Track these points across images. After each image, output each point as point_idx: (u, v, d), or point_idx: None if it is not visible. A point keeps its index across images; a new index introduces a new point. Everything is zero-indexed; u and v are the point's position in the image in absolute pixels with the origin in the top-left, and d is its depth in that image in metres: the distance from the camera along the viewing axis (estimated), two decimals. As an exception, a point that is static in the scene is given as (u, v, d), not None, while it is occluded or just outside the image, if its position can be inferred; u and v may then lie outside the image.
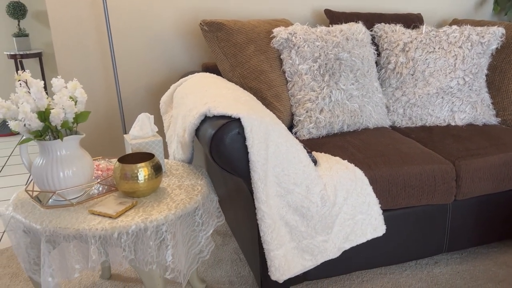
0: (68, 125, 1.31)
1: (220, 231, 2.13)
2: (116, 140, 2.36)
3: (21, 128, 1.26)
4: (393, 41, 2.08)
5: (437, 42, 2.04)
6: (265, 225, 1.38)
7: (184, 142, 1.61)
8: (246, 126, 1.35)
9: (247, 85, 1.89)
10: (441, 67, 2.01)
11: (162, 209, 1.31)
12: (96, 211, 1.29)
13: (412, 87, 2.04)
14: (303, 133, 1.87)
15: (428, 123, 2.02)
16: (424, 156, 1.66)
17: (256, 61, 1.89)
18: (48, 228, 1.23)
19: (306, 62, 1.88)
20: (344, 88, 1.90)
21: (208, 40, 1.94)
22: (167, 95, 1.97)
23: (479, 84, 2.03)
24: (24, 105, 1.22)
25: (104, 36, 2.20)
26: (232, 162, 1.38)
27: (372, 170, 1.57)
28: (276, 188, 1.41)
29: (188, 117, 1.56)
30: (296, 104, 1.90)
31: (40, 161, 1.33)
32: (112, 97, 2.29)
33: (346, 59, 1.91)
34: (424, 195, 1.61)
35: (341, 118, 1.88)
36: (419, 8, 2.57)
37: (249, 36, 1.91)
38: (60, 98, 1.27)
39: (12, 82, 4.26)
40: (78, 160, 1.36)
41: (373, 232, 1.55)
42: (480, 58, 2.02)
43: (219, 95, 1.56)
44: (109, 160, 1.64)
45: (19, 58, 3.94)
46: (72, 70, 2.21)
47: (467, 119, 2.00)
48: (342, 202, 1.49)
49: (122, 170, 1.35)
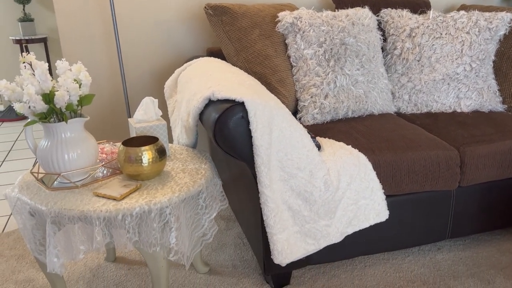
0: (73, 107, 1.31)
1: (224, 216, 2.14)
2: (121, 124, 2.37)
3: (26, 110, 1.26)
4: (400, 27, 2.06)
5: (444, 28, 2.01)
6: (268, 209, 1.38)
7: (188, 126, 1.61)
8: (250, 110, 1.35)
9: (252, 69, 1.88)
10: (448, 53, 1.99)
11: (166, 192, 1.31)
12: (100, 193, 1.30)
13: (418, 73, 2.02)
14: (307, 118, 1.86)
15: (434, 110, 2.01)
16: (428, 142, 1.65)
17: (260, 45, 1.88)
18: (53, 210, 1.25)
19: (311, 47, 1.87)
20: (349, 73, 1.88)
21: (212, 24, 1.92)
22: (172, 79, 1.97)
23: (486, 70, 2.00)
24: (28, 87, 1.22)
25: (109, 20, 2.19)
26: (235, 146, 1.38)
27: (376, 155, 1.56)
28: (279, 172, 1.41)
29: (192, 101, 1.56)
30: (301, 90, 1.89)
31: (45, 144, 1.34)
32: (116, 81, 2.29)
33: (352, 44, 1.90)
34: (428, 181, 1.61)
35: (346, 103, 1.87)
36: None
37: (254, 20, 1.90)
38: (64, 80, 1.27)
39: (17, 67, 4.27)
40: (83, 143, 1.37)
41: (376, 217, 1.55)
42: (488, 44, 1.99)
43: (223, 79, 1.55)
44: (114, 143, 1.65)
45: (24, 43, 3.94)
46: (76, 55, 2.20)
47: (473, 106, 1.99)
48: (345, 187, 1.49)
49: (126, 153, 1.36)
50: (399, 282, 1.65)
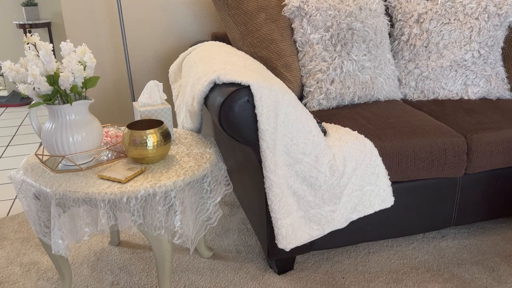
0: (77, 89, 1.30)
1: (228, 201, 2.14)
2: (125, 108, 2.36)
3: (30, 91, 1.25)
4: (408, 12, 2.03)
5: (453, 13, 1.98)
6: (273, 194, 1.38)
7: (193, 111, 1.60)
8: (255, 94, 1.34)
9: (257, 54, 1.86)
10: (456, 39, 1.96)
11: (171, 175, 1.31)
12: (105, 176, 1.30)
13: (425, 59, 1.99)
14: (313, 104, 1.85)
15: (440, 97, 1.99)
16: (435, 129, 1.63)
17: (266, 29, 1.86)
18: (58, 192, 1.25)
19: (317, 31, 1.85)
20: (356, 59, 1.86)
21: (218, 7, 1.90)
22: (176, 64, 1.96)
23: (495, 57, 1.98)
24: (33, 68, 1.21)
25: (113, 4, 2.17)
26: (241, 130, 1.37)
27: (382, 141, 1.55)
28: (284, 157, 1.40)
29: (197, 85, 1.55)
30: (307, 75, 1.87)
31: (50, 126, 1.33)
32: (121, 65, 2.28)
33: (359, 29, 1.87)
34: (434, 168, 1.60)
35: (352, 89, 1.85)
36: (435, -22, 2.49)
37: (260, 4, 1.87)
38: (69, 62, 1.26)
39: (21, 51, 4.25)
40: (88, 125, 1.36)
41: (381, 203, 1.55)
42: (497, 30, 1.96)
43: (228, 62, 1.54)
44: (118, 127, 1.64)
45: (28, 28, 3.92)
46: (81, 39, 2.19)
47: (481, 93, 1.97)
48: (350, 172, 1.48)
49: (131, 136, 1.35)
50: (403, 268, 1.65)
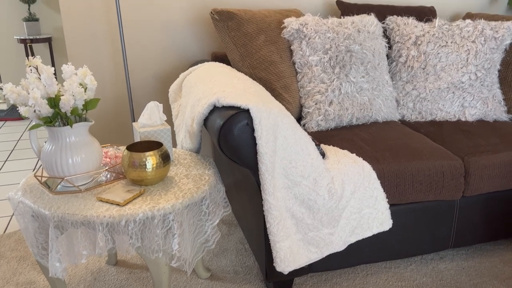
0: (78, 112, 1.31)
1: (226, 220, 2.14)
2: (125, 128, 2.37)
3: (31, 114, 1.26)
4: (405, 34, 2.05)
5: (450, 36, 2.01)
6: (272, 217, 1.38)
7: (193, 132, 1.61)
8: (255, 117, 1.35)
9: (256, 75, 1.88)
10: (453, 61, 1.99)
11: (170, 198, 1.31)
12: (104, 198, 1.30)
13: (423, 81, 2.01)
14: (311, 125, 1.86)
15: (438, 118, 2.01)
16: (433, 151, 1.64)
17: (266, 51, 1.88)
18: (57, 214, 1.24)
19: (316, 53, 1.87)
20: (354, 80, 1.88)
21: (218, 29, 1.92)
22: (176, 83, 1.97)
23: (491, 79, 2.00)
24: (34, 91, 1.22)
25: (114, 23, 2.19)
26: (240, 153, 1.38)
27: (380, 164, 1.56)
28: (283, 180, 1.41)
29: (196, 106, 1.56)
30: (305, 96, 1.89)
31: (50, 147, 1.34)
32: (121, 84, 2.29)
33: (357, 52, 1.89)
34: (432, 191, 1.61)
35: (350, 111, 1.87)
36: (432, 1, 2.53)
37: (260, 26, 1.90)
38: (70, 84, 1.27)
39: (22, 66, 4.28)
40: (87, 147, 1.37)
41: (380, 226, 1.55)
42: (493, 53, 1.99)
43: (228, 85, 1.55)
44: (118, 147, 1.65)
45: (29, 43, 3.95)
46: (81, 56, 2.21)
47: (478, 115, 1.98)
48: (349, 195, 1.48)
49: (130, 158, 1.36)
50: (401, 291, 1.65)
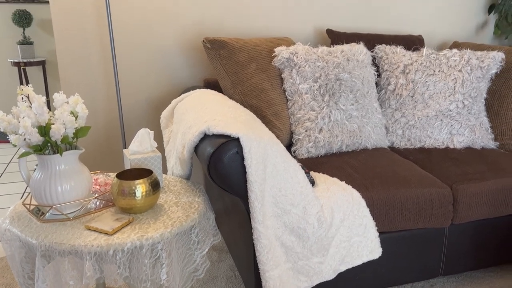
0: (68, 140, 1.32)
1: (216, 246, 2.12)
2: (116, 152, 2.37)
3: (21, 142, 1.26)
4: (394, 63, 2.10)
5: (437, 65, 2.05)
6: (261, 245, 1.38)
7: (183, 159, 1.62)
8: (244, 146, 1.36)
9: (248, 102, 1.90)
10: (441, 90, 2.03)
11: (158, 226, 1.31)
12: (92, 227, 1.29)
13: (411, 109, 2.05)
14: (302, 152, 1.87)
15: (427, 145, 2.03)
16: (421, 179, 1.66)
17: (257, 79, 1.91)
18: (44, 243, 1.23)
19: (306, 81, 1.90)
20: (344, 108, 1.91)
21: (210, 57, 1.95)
22: (168, 110, 1.99)
23: (478, 108, 2.04)
24: (25, 120, 1.23)
25: (107, 48, 2.22)
26: (230, 181, 1.39)
27: (370, 192, 1.57)
28: (273, 208, 1.41)
29: (187, 134, 1.57)
30: (296, 123, 1.91)
31: (39, 175, 1.34)
32: (113, 109, 2.30)
33: (347, 80, 1.93)
34: (421, 219, 1.62)
35: (340, 138, 1.89)
36: (420, 29, 2.59)
37: (251, 55, 1.93)
38: (61, 113, 1.28)
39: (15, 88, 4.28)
40: (77, 175, 1.36)
41: (369, 254, 1.55)
42: (480, 82, 2.03)
43: (219, 113, 1.57)
44: (108, 174, 1.65)
45: (23, 66, 3.97)
46: (74, 81, 2.22)
47: (466, 142, 2.01)
48: (338, 224, 1.49)
49: (120, 186, 1.36)
50: (392, 320, 1.63)
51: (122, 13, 2.18)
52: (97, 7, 2.15)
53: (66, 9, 2.12)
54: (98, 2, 2.14)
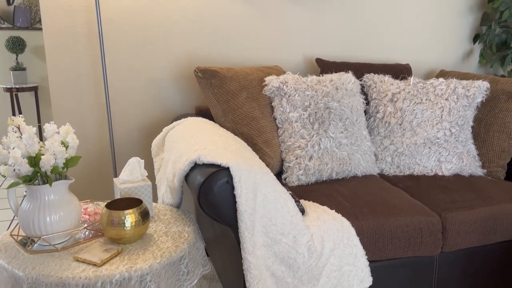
0: (58, 170, 1.32)
1: (207, 275, 2.10)
2: (107, 180, 2.36)
3: (10, 172, 1.26)
4: (382, 91, 2.14)
5: (425, 94, 2.10)
6: (251, 276, 1.37)
7: (173, 187, 1.62)
8: (234, 176, 1.37)
9: (239, 130, 1.92)
10: (428, 118, 2.07)
11: (147, 257, 1.30)
12: (80, 258, 1.28)
13: (400, 136, 2.08)
14: (292, 179, 1.88)
15: (416, 172, 2.05)
16: (410, 207, 1.67)
17: (248, 107, 1.93)
18: (31, 275, 1.22)
19: (296, 110, 1.93)
20: (333, 136, 1.93)
21: (201, 86, 1.98)
22: (159, 138, 2.00)
23: (465, 135, 2.07)
24: (15, 151, 1.23)
25: (99, 75, 2.24)
26: (219, 211, 1.39)
27: (359, 220, 1.58)
28: (263, 238, 1.41)
29: (178, 163, 1.58)
30: (286, 150, 1.93)
31: (27, 205, 1.33)
32: (104, 136, 2.31)
33: (336, 108, 1.96)
34: (411, 247, 1.62)
35: (330, 165, 1.90)
36: (407, 58, 2.66)
37: (242, 84, 1.96)
38: (51, 143, 1.29)
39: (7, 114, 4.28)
40: (66, 205, 1.36)
41: (360, 284, 1.54)
42: (466, 111, 2.08)
43: (209, 142, 1.58)
44: (97, 203, 1.64)
45: (15, 92, 3.98)
46: (65, 108, 2.23)
47: (454, 170, 2.04)
48: (329, 253, 1.49)
49: (109, 217, 1.35)
50: None
51: (115, 41, 2.22)
52: (90, 36, 2.18)
53: (58, 37, 2.15)
54: (91, 30, 2.18)
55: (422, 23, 2.63)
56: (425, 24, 2.64)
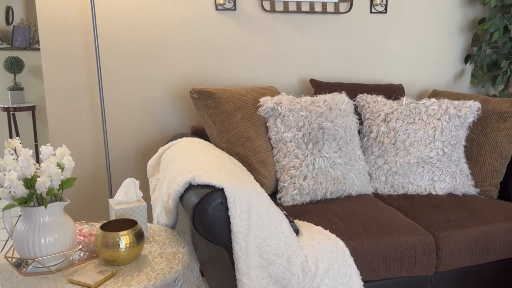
0: (54, 192, 1.33)
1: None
2: (103, 200, 2.36)
3: (6, 195, 1.27)
4: (375, 111, 2.17)
5: (417, 114, 2.13)
6: (245, 297, 1.37)
7: (168, 208, 1.63)
8: (229, 196, 1.38)
9: (234, 150, 1.94)
10: (421, 137, 2.09)
11: (142, 279, 1.30)
12: (74, 280, 1.28)
13: (393, 156, 2.10)
14: (287, 199, 1.90)
15: (410, 192, 2.07)
16: (404, 227, 1.68)
17: (243, 128, 1.95)
18: (24, 298, 1.22)
19: (290, 130, 1.95)
20: (327, 156, 1.95)
21: (197, 107, 2.01)
22: (155, 158, 2.01)
23: (458, 155, 2.10)
24: (11, 173, 1.24)
25: (96, 96, 2.26)
26: (214, 232, 1.40)
27: (354, 240, 1.58)
28: (257, 258, 1.41)
29: (173, 183, 1.59)
30: (281, 170, 1.94)
31: (22, 227, 1.33)
32: (100, 156, 2.32)
33: (329, 128, 1.99)
34: (405, 267, 1.62)
35: (325, 185, 1.92)
36: (400, 78, 2.70)
37: (237, 104, 1.99)
38: (47, 166, 1.30)
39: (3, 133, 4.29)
40: (61, 227, 1.37)
41: (354, 304, 1.54)
42: (458, 130, 2.11)
43: (204, 163, 1.59)
44: (93, 224, 1.65)
45: (12, 111, 4.00)
46: (62, 128, 2.25)
47: (447, 189, 2.05)
48: (323, 273, 1.49)
49: (103, 238, 1.36)
50: None
51: (112, 61, 2.25)
52: (87, 57, 2.22)
53: (56, 58, 2.18)
54: (88, 51, 2.21)
55: (415, 44, 2.68)
56: (418, 45, 2.69)
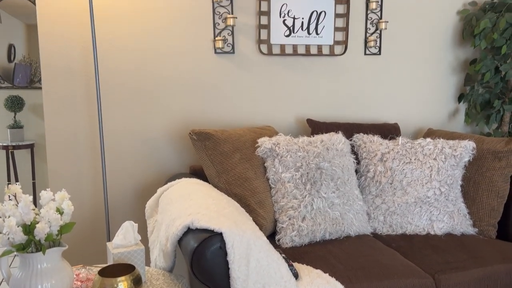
0: (52, 237, 1.32)
1: None
2: (101, 243, 2.34)
3: (4, 241, 1.27)
4: (371, 151, 2.20)
5: (413, 154, 2.16)
6: None
7: (166, 251, 1.62)
8: (227, 241, 1.38)
9: (232, 191, 1.95)
10: (418, 177, 2.11)
11: (139, 327, 1.28)
12: (70, 329, 1.26)
13: (391, 195, 2.11)
14: (285, 240, 1.89)
15: (408, 231, 2.07)
16: (404, 269, 1.67)
17: (241, 168, 1.97)
18: None
19: (288, 170, 1.97)
20: (326, 196, 1.96)
21: (196, 148, 2.03)
22: (153, 199, 2.01)
23: (455, 194, 2.11)
24: (10, 219, 1.24)
25: (96, 137, 2.29)
26: (212, 277, 1.39)
27: (353, 284, 1.57)
28: (256, 304, 1.40)
29: (171, 227, 1.59)
30: (279, 211, 1.95)
31: (19, 274, 1.32)
32: (99, 198, 2.32)
33: (327, 169, 2.00)
34: (406, 311, 1.61)
35: (323, 226, 1.92)
36: (395, 117, 2.75)
37: (235, 145, 2.01)
38: (47, 211, 1.30)
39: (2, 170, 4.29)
40: (58, 272, 1.35)
41: None
42: (454, 170, 2.13)
43: (202, 206, 1.60)
44: (90, 268, 1.63)
45: (11, 149, 4.01)
46: (62, 170, 2.26)
47: (446, 229, 2.05)
48: (323, 319, 1.47)
49: (101, 284, 1.35)
50: None
51: (112, 102, 2.29)
52: (88, 98, 2.26)
53: (57, 100, 2.22)
54: (89, 91, 2.25)
55: (409, 84, 2.75)
56: (412, 84, 2.75)
